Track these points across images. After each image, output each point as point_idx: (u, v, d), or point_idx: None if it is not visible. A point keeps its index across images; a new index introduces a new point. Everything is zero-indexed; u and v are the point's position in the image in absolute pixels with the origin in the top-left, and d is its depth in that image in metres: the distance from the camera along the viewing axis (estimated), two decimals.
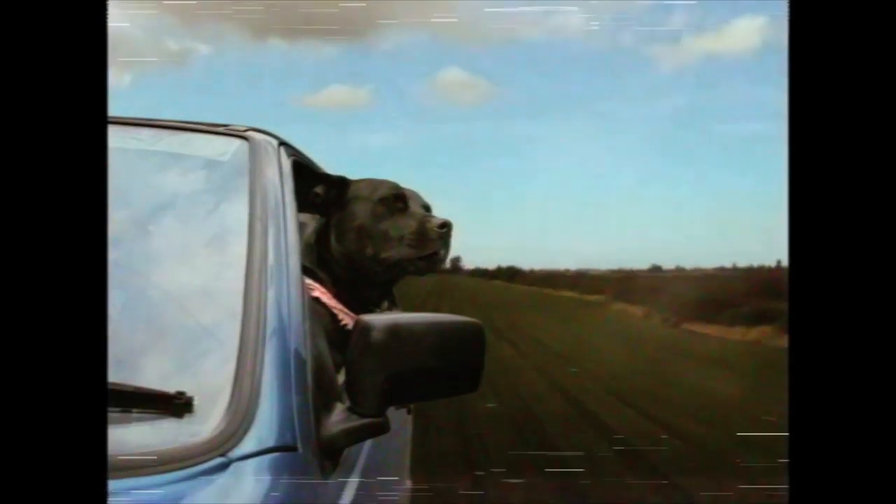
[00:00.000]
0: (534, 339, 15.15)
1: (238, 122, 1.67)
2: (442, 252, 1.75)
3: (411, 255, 1.73)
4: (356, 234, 1.76)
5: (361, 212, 1.77)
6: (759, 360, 11.61)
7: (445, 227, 1.75)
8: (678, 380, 9.91)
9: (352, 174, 1.86)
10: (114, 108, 0.98)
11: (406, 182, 1.84)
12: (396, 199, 1.78)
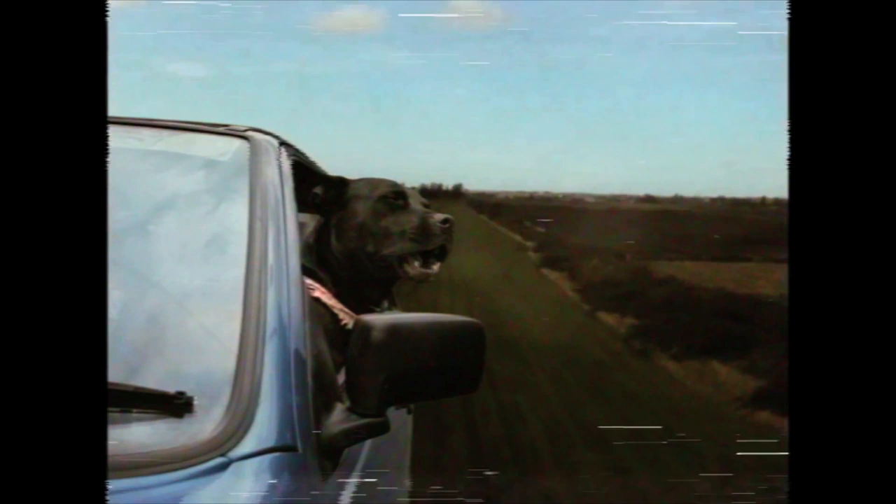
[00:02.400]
0: None
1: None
2: (448, 246, 1.76)
3: (415, 250, 1.73)
4: (357, 233, 1.76)
5: (362, 210, 1.77)
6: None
7: (447, 221, 1.75)
8: None
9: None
10: (120, 104, 0.98)
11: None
12: (396, 197, 1.79)
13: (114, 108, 1.00)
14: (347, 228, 1.77)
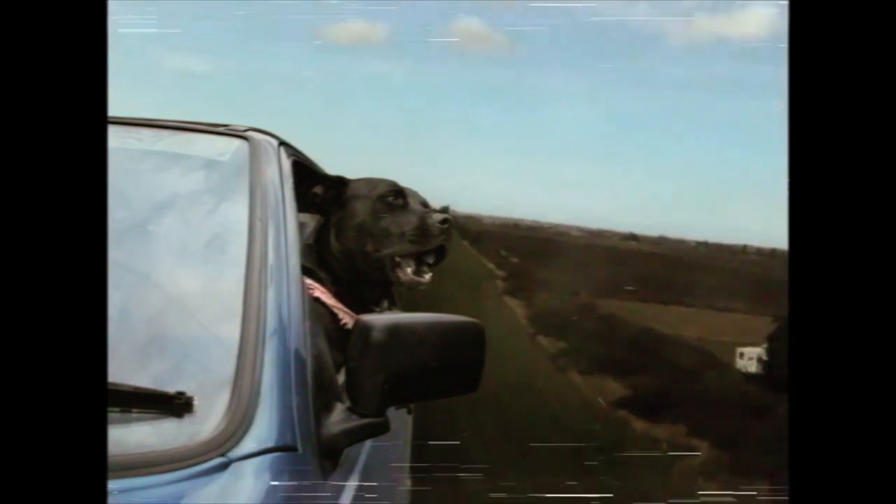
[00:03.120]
0: None
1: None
2: (447, 246, 1.76)
3: (413, 251, 1.74)
4: (356, 232, 1.76)
5: (361, 210, 1.77)
6: None
7: (446, 221, 1.75)
8: None
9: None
10: (121, 107, 0.98)
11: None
12: (396, 196, 1.79)
13: (113, 105, 1.00)
14: (347, 228, 1.77)
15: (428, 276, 1.76)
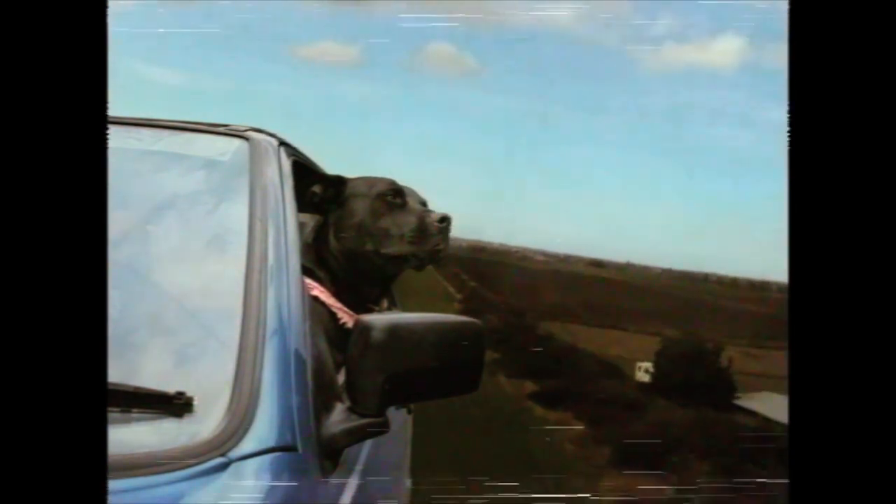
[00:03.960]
0: None
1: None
2: (442, 246, 1.76)
3: (412, 251, 1.74)
4: (355, 231, 1.76)
5: (360, 209, 1.77)
6: None
7: (445, 221, 1.76)
8: None
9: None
10: (115, 103, 0.98)
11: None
12: (395, 195, 1.79)
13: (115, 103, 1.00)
14: (346, 227, 1.77)
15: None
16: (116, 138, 1.09)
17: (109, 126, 0.95)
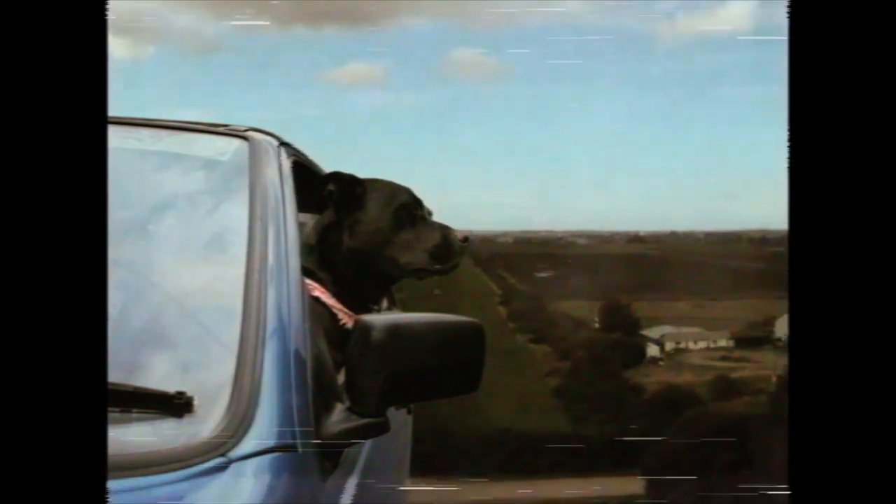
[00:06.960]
0: None
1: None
2: (460, 263, 1.81)
3: (433, 267, 1.75)
4: (375, 237, 1.74)
5: (383, 216, 1.75)
6: None
7: (466, 240, 1.79)
8: None
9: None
10: (126, 107, 0.98)
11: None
12: (417, 207, 1.79)
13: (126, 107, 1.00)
14: (364, 231, 1.74)
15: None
16: (116, 138, 1.09)
17: (110, 126, 0.95)
